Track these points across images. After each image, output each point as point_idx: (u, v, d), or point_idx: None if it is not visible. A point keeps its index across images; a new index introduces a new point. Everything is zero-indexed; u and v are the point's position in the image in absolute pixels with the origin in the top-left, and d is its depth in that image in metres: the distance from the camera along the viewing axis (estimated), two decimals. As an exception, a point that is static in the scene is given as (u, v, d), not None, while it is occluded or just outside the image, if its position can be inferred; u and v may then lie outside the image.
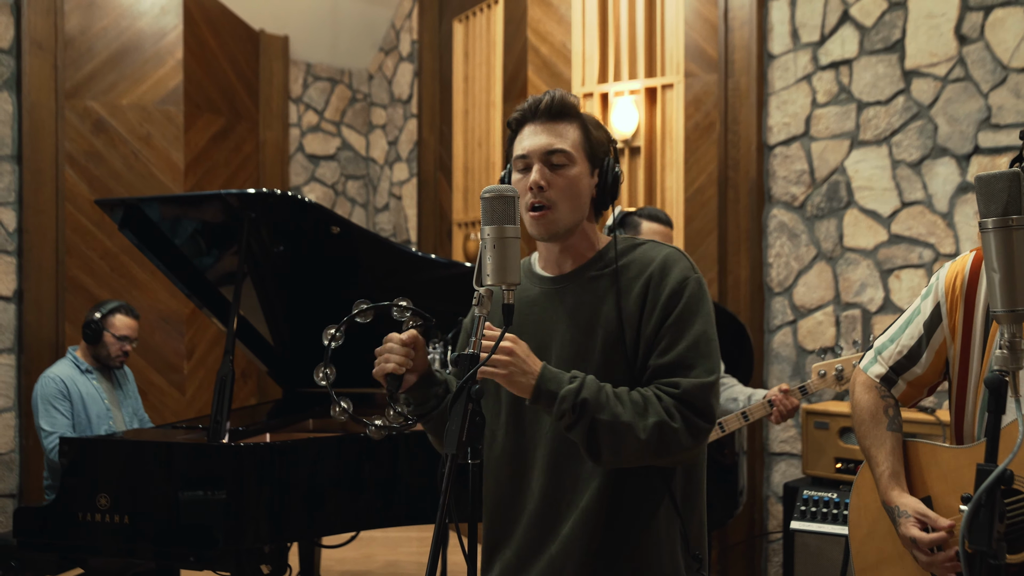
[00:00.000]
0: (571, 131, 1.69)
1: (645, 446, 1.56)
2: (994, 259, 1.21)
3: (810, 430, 3.52)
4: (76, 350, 4.03)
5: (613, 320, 1.66)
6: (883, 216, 3.98)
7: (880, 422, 1.73)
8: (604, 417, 1.54)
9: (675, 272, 1.65)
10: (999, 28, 3.60)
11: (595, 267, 1.72)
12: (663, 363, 1.62)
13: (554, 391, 1.55)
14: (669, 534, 1.68)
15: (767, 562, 4.31)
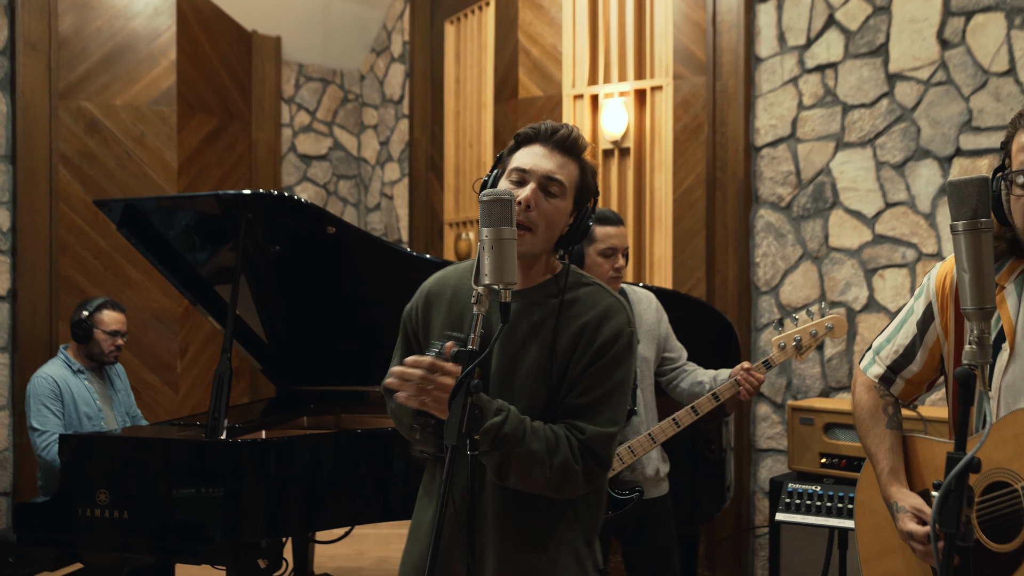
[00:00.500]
0: (572, 168, 1.77)
1: (547, 482, 1.67)
2: (964, 260, 1.28)
3: (795, 426, 3.59)
4: (67, 349, 4.05)
5: (545, 347, 1.74)
6: (867, 217, 4.06)
7: (879, 420, 1.80)
8: (519, 451, 1.64)
9: (613, 323, 1.74)
10: (980, 33, 3.68)
11: (542, 293, 1.79)
12: (576, 405, 1.72)
13: (479, 420, 1.62)
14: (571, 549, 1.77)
15: (754, 556, 4.39)
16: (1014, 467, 1.49)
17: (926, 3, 3.83)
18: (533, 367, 1.73)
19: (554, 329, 1.73)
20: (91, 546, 3.06)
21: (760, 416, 4.39)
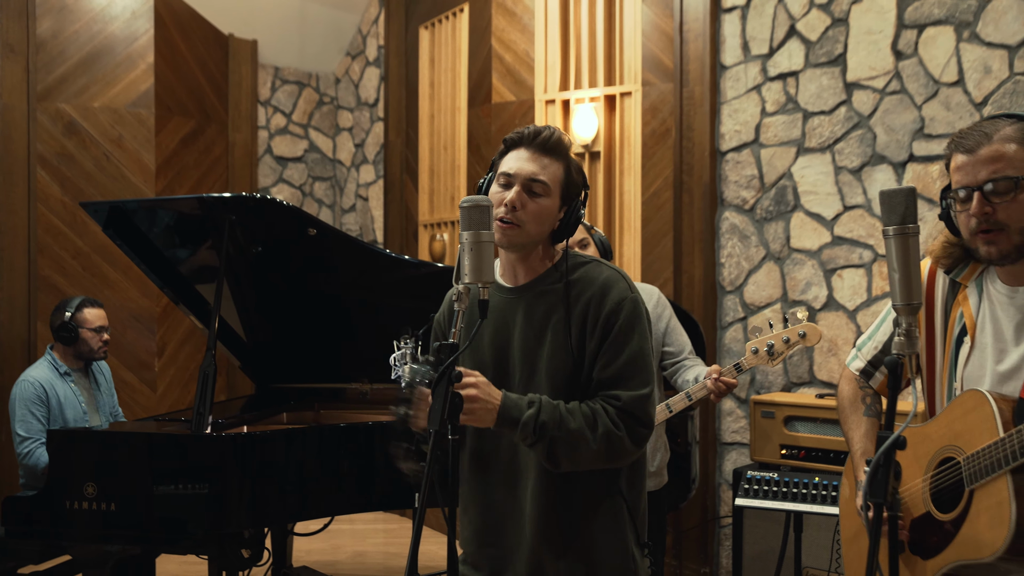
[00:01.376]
0: (556, 168, 1.90)
1: (596, 454, 1.79)
2: (894, 260, 1.43)
3: (757, 419, 3.75)
4: (53, 350, 4.08)
5: (561, 328, 1.87)
6: (826, 219, 4.23)
7: (858, 409, 1.95)
8: (560, 434, 1.77)
9: (613, 294, 1.86)
10: (931, 45, 3.86)
11: (546, 281, 1.92)
12: (605, 377, 1.84)
13: (516, 418, 1.77)
14: (618, 526, 1.89)
15: (719, 546, 4.55)
16: (959, 443, 1.64)
17: (881, 16, 4.00)
18: (554, 349, 1.85)
19: (565, 311, 1.85)
20: (79, 538, 3.14)
21: (725, 411, 4.55)
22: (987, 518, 1.55)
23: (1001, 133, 1.62)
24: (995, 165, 1.60)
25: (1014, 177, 1.58)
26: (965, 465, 1.61)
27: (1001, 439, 1.54)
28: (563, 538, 1.86)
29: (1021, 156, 1.60)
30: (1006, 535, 1.49)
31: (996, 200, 1.60)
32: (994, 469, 1.54)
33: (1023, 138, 1.61)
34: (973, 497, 1.59)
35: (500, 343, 1.92)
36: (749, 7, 4.43)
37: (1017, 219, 1.60)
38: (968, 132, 1.66)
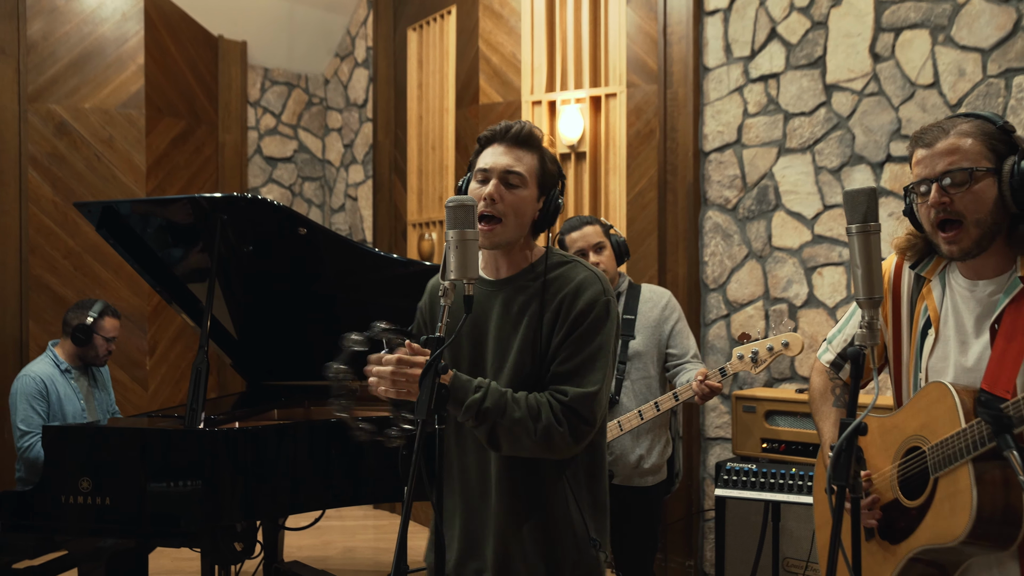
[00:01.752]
0: (530, 159, 1.97)
1: (535, 445, 1.86)
2: (856, 256, 1.51)
3: (739, 414, 3.84)
4: (56, 347, 4.14)
5: (534, 323, 1.94)
6: (807, 218, 4.31)
7: (828, 400, 2.02)
8: (502, 421, 1.84)
9: (587, 294, 1.92)
10: (907, 48, 3.95)
11: (526, 277, 2.00)
12: (559, 371, 1.90)
13: (461, 399, 1.83)
14: (565, 519, 1.96)
15: (703, 539, 4.63)
16: (925, 433, 1.72)
17: (859, 19, 4.09)
18: (524, 342, 1.92)
19: (540, 306, 1.92)
20: (74, 532, 3.19)
21: (709, 407, 4.63)
22: (950, 505, 1.63)
23: (958, 128, 1.70)
24: (951, 157, 1.67)
25: (969, 168, 1.66)
26: (930, 454, 1.69)
27: (962, 430, 1.62)
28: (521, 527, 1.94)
29: (976, 149, 1.67)
30: (967, 521, 1.57)
31: (953, 191, 1.67)
32: (956, 458, 1.62)
33: (979, 133, 1.69)
34: (938, 485, 1.67)
35: (476, 334, 1.99)
36: (731, 10, 4.52)
37: (973, 210, 1.67)
38: (928, 128, 1.74)
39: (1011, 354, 1.65)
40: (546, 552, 1.94)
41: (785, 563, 3.57)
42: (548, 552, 1.95)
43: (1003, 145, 1.69)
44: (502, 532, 1.95)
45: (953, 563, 1.69)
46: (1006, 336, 1.66)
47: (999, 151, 1.68)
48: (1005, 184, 1.66)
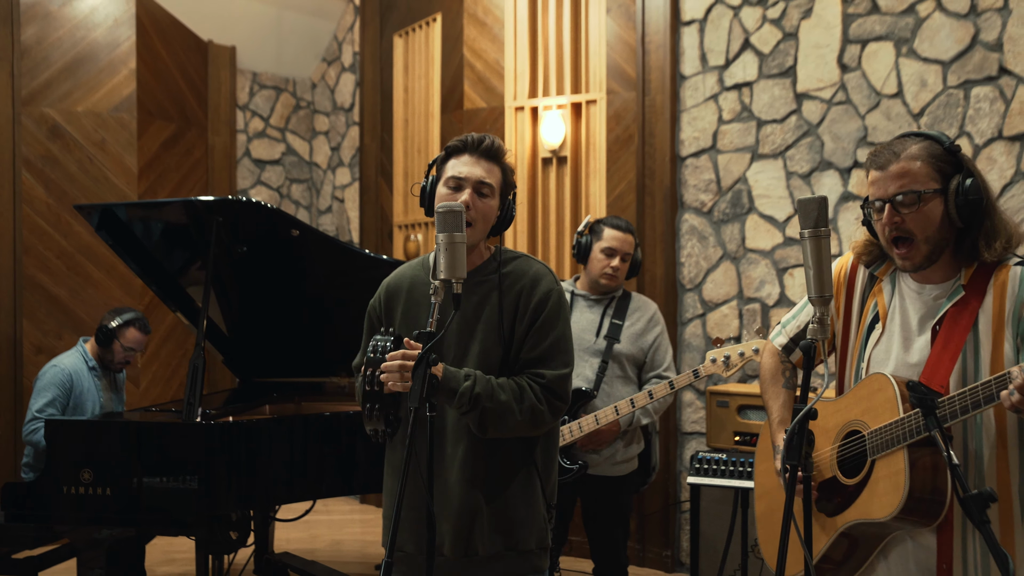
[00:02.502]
0: (498, 172, 2.18)
1: (521, 424, 2.07)
2: (809, 258, 1.68)
3: (713, 408, 4.02)
4: (86, 343, 4.28)
5: (495, 313, 2.14)
6: (779, 221, 4.50)
7: (777, 381, 2.19)
8: (491, 405, 2.03)
9: (542, 286, 2.15)
10: (873, 59, 4.14)
11: (482, 273, 2.19)
12: (531, 357, 2.12)
13: (454, 388, 2.02)
14: (531, 490, 2.15)
15: (679, 530, 4.81)
16: (865, 419, 1.88)
17: (828, 31, 4.28)
18: (487, 329, 2.12)
19: (499, 297, 2.13)
20: (76, 521, 3.31)
21: (685, 403, 4.81)
22: (885, 485, 1.80)
23: (907, 152, 1.86)
24: (902, 180, 1.84)
25: (918, 191, 1.83)
26: (869, 439, 1.86)
27: (901, 419, 1.79)
28: (485, 500, 2.11)
29: (925, 172, 1.84)
30: (900, 500, 1.75)
31: (904, 211, 1.84)
32: (894, 444, 1.79)
33: (927, 156, 1.85)
34: (874, 466, 1.84)
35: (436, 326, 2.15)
36: (707, 21, 4.70)
37: (922, 228, 1.84)
38: (881, 151, 1.90)
39: (947, 354, 1.82)
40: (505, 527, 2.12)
41: (754, 549, 3.75)
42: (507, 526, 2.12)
43: (949, 166, 1.85)
44: (462, 512, 2.10)
45: (877, 536, 1.87)
46: (944, 338, 1.84)
47: (945, 172, 1.84)
48: (951, 203, 1.83)
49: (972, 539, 1.81)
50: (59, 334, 5.40)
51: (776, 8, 4.44)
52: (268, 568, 4.56)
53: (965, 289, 1.86)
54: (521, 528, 2.13)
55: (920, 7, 3.97)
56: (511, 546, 2.13)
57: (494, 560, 2.12)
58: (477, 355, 2.13)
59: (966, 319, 1.83)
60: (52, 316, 5.44)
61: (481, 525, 2.11)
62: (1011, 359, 1.80)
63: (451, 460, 2.13)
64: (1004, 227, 1.85)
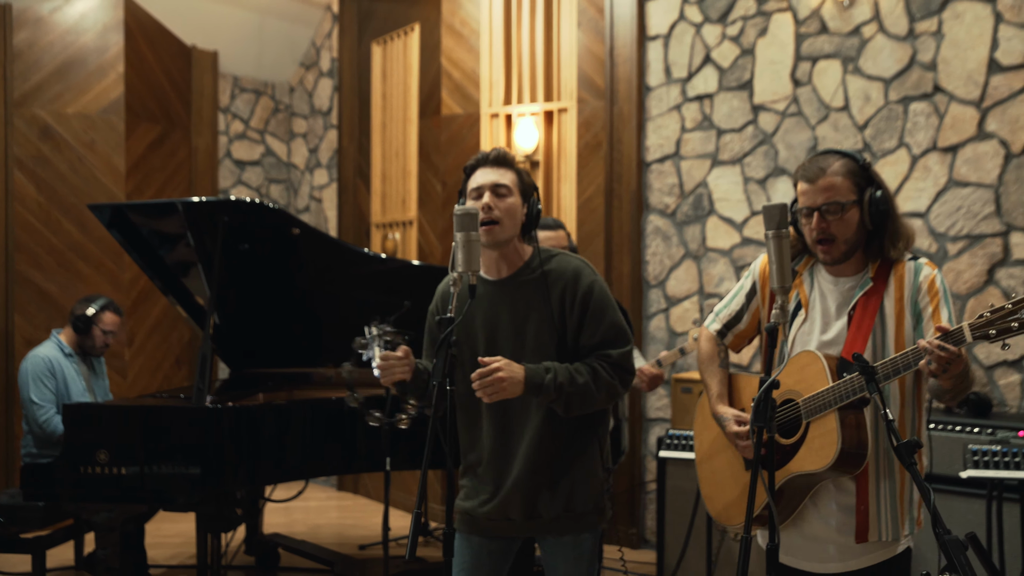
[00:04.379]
0: (511, 174, 2.48)
1: (600, 400, 2.39)
2: (772, 255, 2.02)
3: (677, 395, 4.38)
4: (60, 334, 4.48)
5: (542, 310, 2.43)
6: (737, 222, 4.88)
7: (714, 362, 2.54)
8: (573, 390, 2.34)
9: (584, 279, 2.44)
10: (823, 75, 4.54)
11: (524, 274, 2.48)
12: (594, 342, 2.41)
13: (539, 383, 2.31)
14: (591, 460, 2.48)
15: (645, 510, 5.18)
16: (798, 388, 2.25)
17: (782, 49, 4.67)
18: (539, 326, 2.41)
19: (544, 295, 2.41)
20: (91, 499, 3.52)
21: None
22: (820, 442, 2.16)
23: (832, 168, 2.24)
24: (828, 193, 2.22)
25: (841, 202, 2.21)
26: (803, 405, 2.22)
27: (831, 386, 2.16)
28: (551, 471, 2.43)
29: (846, 186, 2.23)
30: (834, 453, 2.12)
31: (830, 218, 2.23)
32: (826, 407, 2.16)
33: (847, 172, 2.24)
34: (809, 428, 2.21)
35: (490, 325, 2.46)
36: (671, 36, 5.06)
37: (843, 232, 2.23)
38: (809, 165, 2.27)
39: (861, 334, 2.22)
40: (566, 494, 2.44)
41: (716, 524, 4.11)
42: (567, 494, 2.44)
43: (863, 180, 2.25)
44: (527, 479, 2.42)
45: (807, 486, 2.24)
46: (857, 320, 2.23)
47: (861, 185, 2.24)
48: (866, 211, 2.23)
49: (883, 483, 2.21)
50: (49, 328, 5.56)
51: (735, 26, 4.82)
52: (259, 548, 4.84)
53: (873, 281, 2.25)
54: (579, 494, 2.44)
55: (864, 29, 4.38)
56: (569, 509, 2.44)
57: (555, 522, 2.44)
58: (533, 348, 2.41)
59: (874, 304, 2.22)
60: (43, 311, 5.63)
61: (545, 494, 2.42)
62: (911, 335, 2.21)
63: (519, 439, 2.43)
64: (904, 230, 2.26)
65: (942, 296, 2.21)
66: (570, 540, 2.47)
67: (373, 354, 3.94)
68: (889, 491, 2.22)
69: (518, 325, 2.44)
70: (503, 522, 2.46)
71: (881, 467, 2.22)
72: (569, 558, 2.48)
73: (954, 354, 1.92)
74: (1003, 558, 3.37)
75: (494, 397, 2.28)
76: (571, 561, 2.49)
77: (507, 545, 2.53)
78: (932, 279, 2.22)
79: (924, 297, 2.21)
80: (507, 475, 2.44)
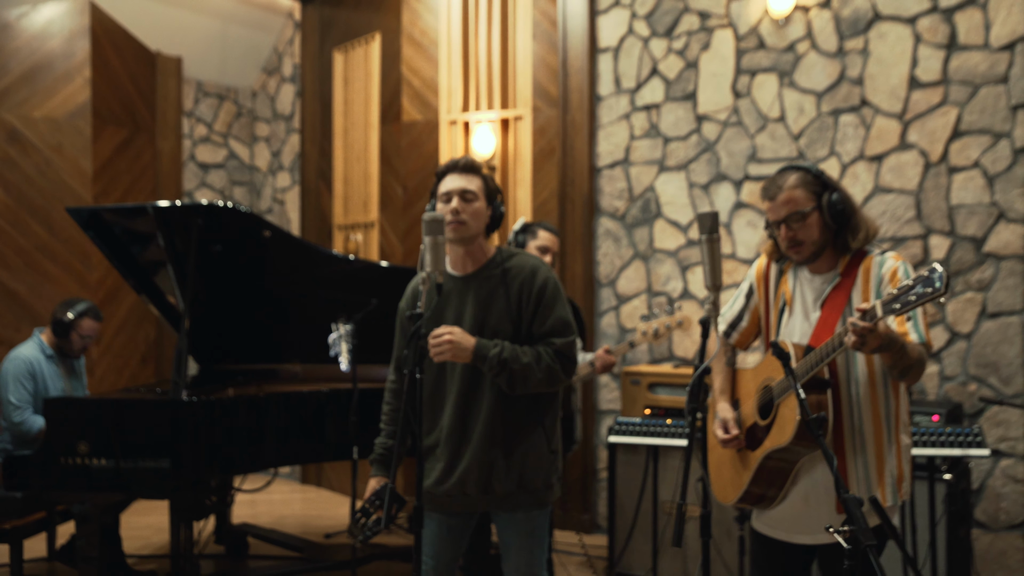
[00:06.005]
0: (477, 180, 2.75)
1: (540, 381, 2.65)
2: (705, 257, 2.30)
3: (627, 387, 4.67)
4: (42, 334, 4.61)
5: (502, 303, 2.70)
6: (682, 225, 5.19)
7: (721, 359, 2.81)
8: (516, 367, 2.61)
9: (540, 275, 2.73)
10: (761, 88, 4.87)
11: (488, 270, 2.76)
12: (543, 331, 2.70)
13: (485, 354, 2.59)
14: (538, 441, 2.75)
15: (597, 497, 5.47)
16: (773, 375, 2.52)
17: (723, 63, 4.99)
18: (499, 314, 2.68)
19: (505, 289, 2.70)
20: (71, 488, 3.66)
21: (602, 384, 5.46)
22: (786, 417, 2.44)
23: (788, 183, 2.51)
24: (788, 206, 2.50)
25: (802, 211, 2.49)
26: (775, 387, 2.51)
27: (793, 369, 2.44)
28: (504, 448, 2.69)
29: (803, 196, 2.50)
30: (793, 428, 2.38)
31: (795, 226, 2.50)
32: (790, 388, 2.43)
33: (802, 183, 2.51)
34: (779, 407, 2.49)
35: (457, 315, 2.73)
36: (620, 50, 5.36)
37: (808, 236, 2.50)
38: (769, 185, 2.55)
39: (829, 323, 2.49)
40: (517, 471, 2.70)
41: (662, 507, 4.40)
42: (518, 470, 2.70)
43: (818, 186, 2.52)
44: (482, 456, 2.68)
45: (792, 460, 2.49)
46: (827, 310, 2.51)
47: (817, 192, 2.51)
48: (825, 214, 2.50)
49: (858, 458, 2.46)
50: (17, 327, 5.70)
51: (680, 41, 5.13)
52: (228, 537, 5.03)
53: (841, 276, 2.52)
54: (530, 472, 2.71)
55: (799, 46, 4.71)
56: (522, 485, 2.70)
57: (508, 497, 2.70)
58: (491, 335, 2.68)
59: (842, 296, 2.49)
60: (11, 310, 5.75)
61: (498, 470, 2.68)
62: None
63: (476, 419, 2.69)
64: (864, 223, 2.52)
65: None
66: (522, 516, 2.74)
67: (340, 350, 4.22)
68: (863, 465, 2.45)
69: (480, 314, 2.71)
70: (461, 497, 2.72)
71: (856, 443, 2.46)
72: (522, 532, 2.75)
73: (867, 328, 2.17)
74: (915, 530, 3.71)
75: (440, 357, 2.56)
76: (523, 535, 2.75)
77: (465, 521, 2.79)
78: (894, 270, 2.45)
79: (886, 286, 2.43)
80: (464, 452, 2.69)
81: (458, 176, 2.74)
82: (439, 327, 2.60)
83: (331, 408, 4.06)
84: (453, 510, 2.75)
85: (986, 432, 4.22)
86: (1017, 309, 4.16)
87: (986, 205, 4.23)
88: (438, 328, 2.59)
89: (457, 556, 2.81)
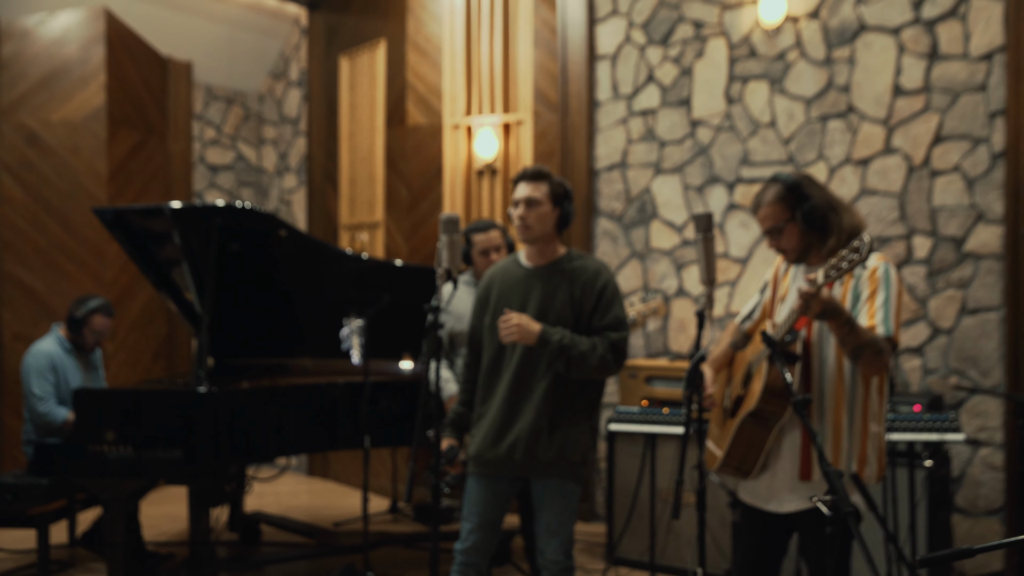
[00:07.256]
0: (543, 186, 3.02)
1: (595, 369, 2.95)
2: (701, 255, 2.53)
3: (625, 379, 4.89)
4: (60, 328, 4.81)
5: (566, 296, 2.99)
6: (677, 225, 5.41)
7: (726, 339, 2.99)
8: (575, 354, 2.91)
9: (602, 276, 3.03)
10: (753, 94, 5.09)
11: (556, 266, 3.05)
12: (601, 325, 2.99)
13: (549, 339, 2.89)
14: (585, 419, 3.04)
15: (595, 488, 5.68)
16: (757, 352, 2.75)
17: (716, 70, 5.21)
18: (562, 306, 2.97)
19: (569, 284, 2.99)
20: (100, 474, 3.86)
21: (599, 378, 5.68)
22: (755, 388, 2.66)
23: (765, 199, 2.71)
24: (766, 222, 2.71)
25: (778, 226, 2.69)
26: (754, 359, 2.73)
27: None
28: (551, 423, 2.96)
29: (779, 210, 2.68)
30: (759, 391, 2.59)
31: (776, 236, 2.72)
32: (761, 359, 2.66)
33: (777, 199, 2.69)
34: (753, 377, 2.71)
35: (522, 301, 3.03)
36: (618, 57, 5.57)
37: (788, 243, 2.70)
38: (755, 200, 2.75)
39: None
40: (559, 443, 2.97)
41: (659, 493, 4.62)
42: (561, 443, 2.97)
43: (795, 198, 2.69)
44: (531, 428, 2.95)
45: (763, 431, 2.65)
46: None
47: (792, 203, 2.69)
48: (800, 223, 2.70)
49: (819, 426, 2.63)
50: (35, 322, 5.90)
51: (675, 48, 5.35)
52: (241, 524, 5.23)
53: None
54: (570, 447, 2.98)
55: (788, 54, 4.93)
56: (562, 456, 2.97)
57: (549, 466, 2.97)
58: (553, 322, 2.96)
59: (828, 287, 2.68)
60: (29, 306, 5.95)
61: (543, 441, 2.96)
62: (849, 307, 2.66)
63: (532, 394, 2.97)
64: (839, 226, 2.68)
65: (881, 282, 2.61)
66: (558, 485, 3.00)
67: (351, 344, 4.45)
68: (820, 437, 2.61)
69: (545, 303, 3.00)
70: (508, 462, 3.00)
71: (815, 416, 2.62)
72: (556, 495, 3.01)
73: (809, 292, 2.36)
74: (896, 512, 3.93)
75: (508, 339, 2.88)
76: (558, 497, 3.01)
77: (509, 486, 3.07)
78: (874, 269, 2.62)
79: (864, 284, 2.62)
80: (515, 423, 2.98)
81: (525, 184, 3.04)
82: (512, 312, 2.90)
83: (345, 400, 4.26)
84: (501, 473, 3.02)
85: (966, 423, 4.45)
86: (995, 305, 4.39)
87: (966, 207, 4.46)
88: (507, 313, 2.89)
89: (499, 519, 3.08)
